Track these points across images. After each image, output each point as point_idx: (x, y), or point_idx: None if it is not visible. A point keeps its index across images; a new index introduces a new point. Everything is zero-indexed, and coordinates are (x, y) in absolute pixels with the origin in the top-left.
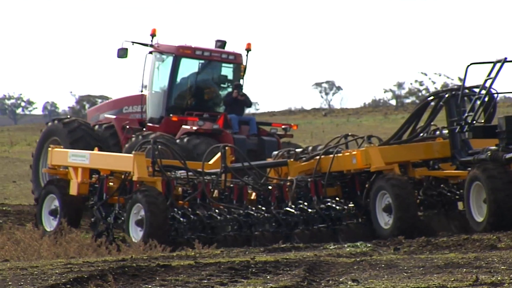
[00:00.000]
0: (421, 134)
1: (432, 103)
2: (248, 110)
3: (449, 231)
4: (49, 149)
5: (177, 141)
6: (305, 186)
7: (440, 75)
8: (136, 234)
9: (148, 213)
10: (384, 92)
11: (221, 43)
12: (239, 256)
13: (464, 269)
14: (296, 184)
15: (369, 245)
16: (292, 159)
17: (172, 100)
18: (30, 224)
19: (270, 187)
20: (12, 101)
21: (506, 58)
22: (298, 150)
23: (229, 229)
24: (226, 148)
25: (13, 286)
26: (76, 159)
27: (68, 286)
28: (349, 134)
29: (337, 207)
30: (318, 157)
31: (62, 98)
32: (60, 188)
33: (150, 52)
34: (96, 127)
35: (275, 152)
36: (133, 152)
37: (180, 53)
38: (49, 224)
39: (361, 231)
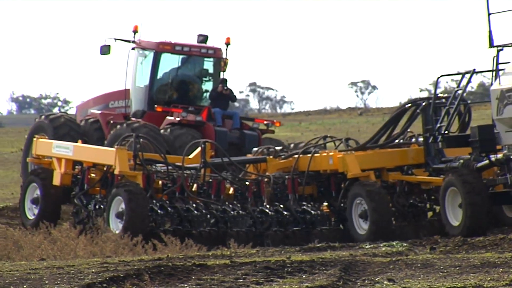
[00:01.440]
0: (397, 140)
1: (410, 110)
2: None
3: (418, 239)
4: (34, 139)
5: (161, 131)
6: (282, 183)
7: (476, 74)
8: (116, 225)
9: (128, 207)
10: (420, 91)
11: (203, 38)
12: (274, 256)
13: (501, 269)
14: (273, 181)
15: (405, 244)
16: (271, 156)
17: (154, 95)
18: (67, 223)
19: (247, 183)
20: (49, 100)
21: (474, 70)
22: (278, 148)
23: (205, 224)
24: (206, 143)
25: (49, 285)
26: (60, 150)
27: (104, 285)
28: (328, 135)
29: (312, 212)
30: (296, 155)
31: None
32: (42, 178)
33: (133, 48)
34: (83, 122)
35: (255, 149)
36: (115, 146)
37: (160, 49)
38: (32, 212)
39: (334, 235)
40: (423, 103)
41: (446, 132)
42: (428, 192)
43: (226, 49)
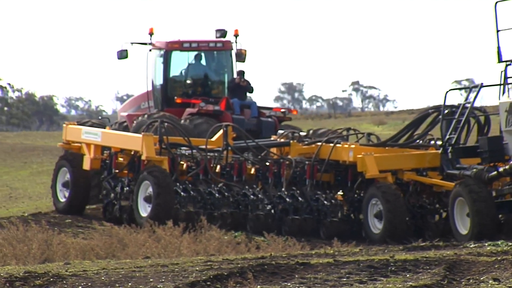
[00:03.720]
0: (417, 141)
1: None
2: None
3: (423, 239)
4: (64, 125)
5: (181, 121)
6: (301, 167)
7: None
8: (144, 209)
9: (155, 192)
10: None
11: (222, 32)
12: (378, 255)
13: None
14: (294, 164)
15: (510, 243)
16: (295, 141)
17: (169, 92)
18: (170, 222)
19: (268, 163)
20: None
21: (482, 84)
22: (302, 133)
23: (226, 208)
24: (228, 127)
25: (154, 283)
26: (89, 136)
27: (208, 283)
28: (351, 128)
29: (325, 202)
30: (319, 143)
31: None
32: (71, 162)
33: (150, 50)
34: (115, 125)
35: (281, 131)
36: (142, 132)
37: (169, 48)
38: (63, 195)
39: (343, 226)
40: (446, 111)
41: (458, 143)
42: (439, 195)
43: (236, 41)
